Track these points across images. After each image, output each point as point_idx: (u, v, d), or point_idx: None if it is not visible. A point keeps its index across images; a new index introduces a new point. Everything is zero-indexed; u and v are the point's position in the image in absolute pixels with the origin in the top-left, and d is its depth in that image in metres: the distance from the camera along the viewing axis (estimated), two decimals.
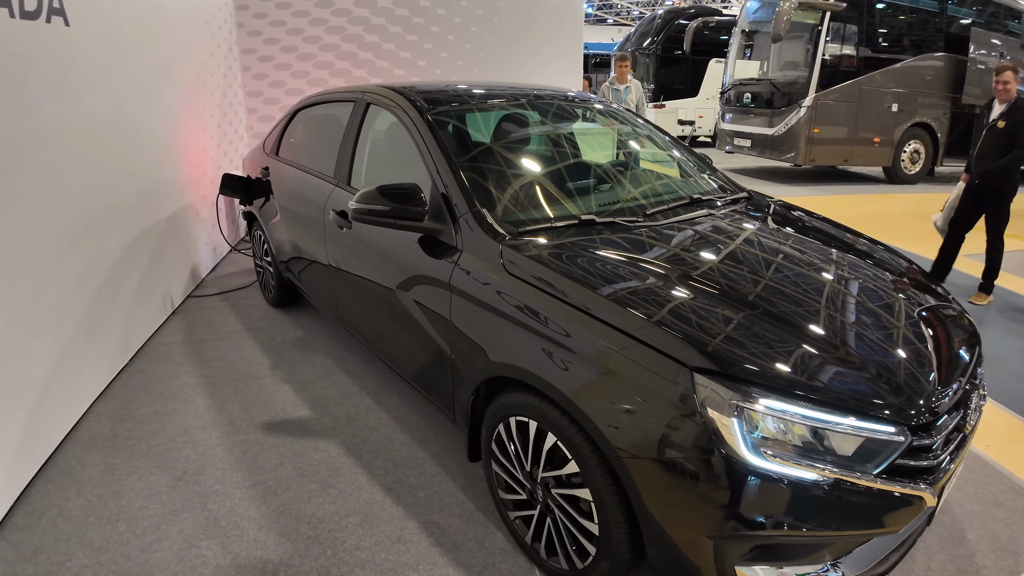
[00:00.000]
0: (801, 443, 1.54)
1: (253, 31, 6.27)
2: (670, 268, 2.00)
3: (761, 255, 2.22)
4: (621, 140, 3.17)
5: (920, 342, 1.89)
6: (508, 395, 2.03)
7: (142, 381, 3.41)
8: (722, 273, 2.02)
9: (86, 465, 2.70)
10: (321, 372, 3.47)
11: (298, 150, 3.79)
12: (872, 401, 1.60)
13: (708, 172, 3.11)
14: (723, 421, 1.52)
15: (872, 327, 1.89)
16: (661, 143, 3.24)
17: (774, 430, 1.54)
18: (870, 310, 1.99)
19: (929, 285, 2.35)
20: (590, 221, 2.28)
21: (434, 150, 2.45)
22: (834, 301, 1.99)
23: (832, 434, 1.55)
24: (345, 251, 2.95)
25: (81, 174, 3.10)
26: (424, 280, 2.34)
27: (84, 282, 3.10)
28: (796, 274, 2.11)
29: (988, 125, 4.89)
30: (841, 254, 2.40)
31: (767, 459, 1.51)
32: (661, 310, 1.76)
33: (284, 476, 2.60)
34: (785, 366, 1.63)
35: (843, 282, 2.14)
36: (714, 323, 1.73)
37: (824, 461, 1.54)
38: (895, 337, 1.87)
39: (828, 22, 9.12)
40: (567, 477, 1.88)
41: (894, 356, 1.78)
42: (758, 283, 1.99)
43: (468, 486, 2.54)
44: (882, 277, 2.26)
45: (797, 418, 1.54)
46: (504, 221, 2.22)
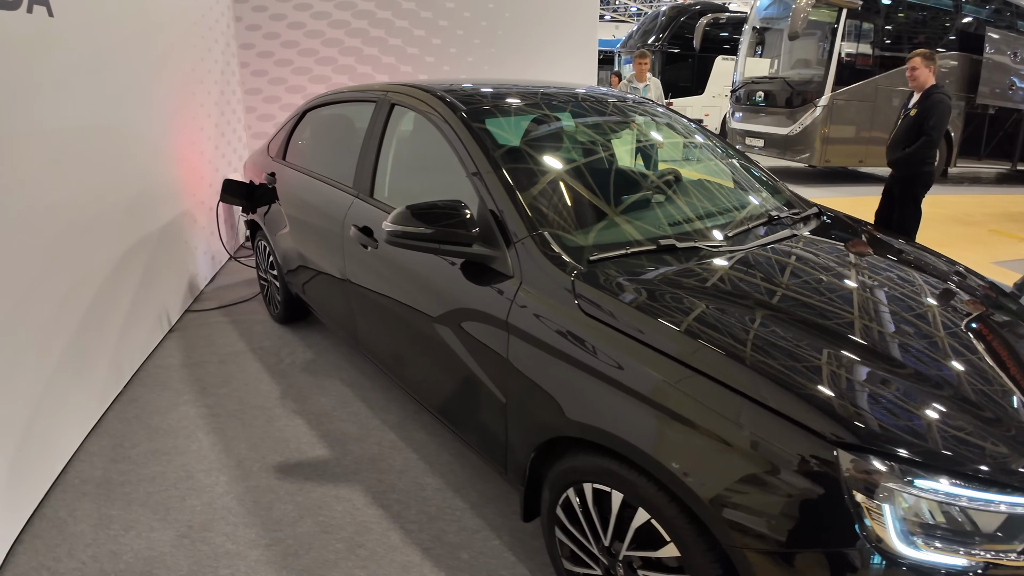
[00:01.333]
0: (950, 526, 1.27)
1: (252, 25, 5.90)
2: (782, 310, 1.69)
3: (868, 292, 1.92)
4: (680, 148, 2.85)
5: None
6: (583, 457, 1.70)
7: (137, 412, 3.06)
8: (842, 319, 1.71)
9: (78, 517, 2.36)
10: (337, 402, 3.14)
11: (309, 155, 3.44)
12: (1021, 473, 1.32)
13: (771, 183, 2.80)
14: (870, 506, 1.24)
15: (1007, 386, 1.58)
16: (721, 151, 2.92)
17: (921, 512, 1.27)
18: (997, 363, 1.69)
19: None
20: (669, 246, 1.96)
21: (480, 161, 2.11)
22: (969, 353, 1.68)
23: (981, 513, 1.28)
24: (369, 271, 2.61)
25: (66, 181, 2.74)
26: (472, 313, 2.01)
27: (71, 302, 2.74)
28: (915, 317, 1.81)
29: (904, 114, 4.89)
30: (952, 291, 2.11)
31: (918, 548, 1.24)
32: (788, 368, 1.44)
33: (304, 532, 2.27)
34: (935, 437, 1.34)
35: (970, 330, 1.83)
36: (853, 385, 1.43)
37: (973, 544, 1.27)
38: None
39: (845, 20, 8.84)
40: (660, 559, 1.56)
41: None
42: (878, 329, 1.69)
43: (516, 544, 2.22)
44: (997, 319, 1.97)
45: (951, 498, 1.26)
46: (569, 247, 1.89)
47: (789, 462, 1.31)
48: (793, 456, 1.30)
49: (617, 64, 15.34)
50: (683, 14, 14.14)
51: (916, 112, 4.67)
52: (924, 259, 2.38)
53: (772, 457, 1.32)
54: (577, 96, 2.79)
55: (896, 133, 4.84)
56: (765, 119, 10.06)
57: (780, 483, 1.31)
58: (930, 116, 4.55)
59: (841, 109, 9.14)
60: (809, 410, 1.34)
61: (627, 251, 1.91)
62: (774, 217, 2.39)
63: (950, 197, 9.24)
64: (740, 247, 2.06)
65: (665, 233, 2.08)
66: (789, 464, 1.30)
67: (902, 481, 1.26)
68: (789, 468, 1.30)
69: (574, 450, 1.76)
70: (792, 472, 1.30)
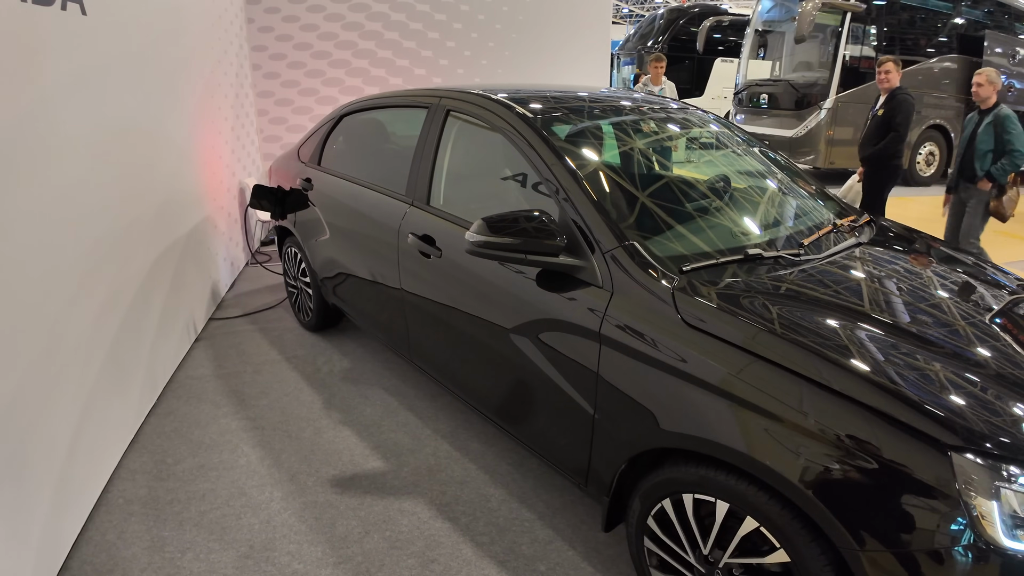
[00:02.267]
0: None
1: (264, 27, 5.83)
2: (876, 318, 1.70)
3: (940, 297, 1.96)
4: (744, 158, 2.83)
5: None
6: (683, 468, 1.68)
7: (176, 426, 2.99)
8: (927, 323, 1.74)
9: (127, 540, 2.27)
10: (383, 411, 3.08)
11: (350, 161, 3.38)
12: None
13: (820, 192, 2.79)
14: (982, 504, 1.30)
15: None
16: (774, 159, 2.91)
17: (1016, 507, 1.33)
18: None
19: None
20: (756, 255, 1.94)
21: (558, 171, 2.07)
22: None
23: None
24: (428, 281, 2.56)
25: (102, 185, 2.64)
26: (557, 325, 1.97)
27: (108, 313, 2.65)
28: (981, 321, 1.85)
29: (872, 115, 5.35)
30: (1003, 294, 2.14)
31: (1020, 540, 1.31)
32: (898, 376, 1.46)
33: (373, 549, 2.22)
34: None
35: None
36: (955, 391, 1.46)
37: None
38: None
39: (849, 23, 8.90)
40: (764, 565, 1.55)
41: None
42: (962, 336, 1.72)
43: (591, 555, 2.18)
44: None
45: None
46: (661, 257, 1.86)
47: (905, 466, 1.34)
48: (909, 461, 1.34)
49: (616, 67, 15.36)
50: (682, 17, 14.17)
51: (884, 112, 5.13)
52: (975, 264, 2.41)
53: (889, 462, 1.36)
54: (640, 104, 2.76)
55: (867, 132, 5.32)
56: (769, 121, 10.11)
57: (896, 487, 1.35)
58: (897, 114, 5.04)
59: (846, 111, 9.19)
60: (922, 417, 1.37)
61: (717, 261, 1.89)
62: (836, 225, 2.38)
63: None
64: (818, 255, 2.06)
65: (748, 242, 2.07)
66: (905, 468, 1.34)
67: (1005, 478, 1.32)
68: (905, 472, 1.34)
69: (671, 461, 1.73)
70: (908, 476, 1.34)
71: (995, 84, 4.63)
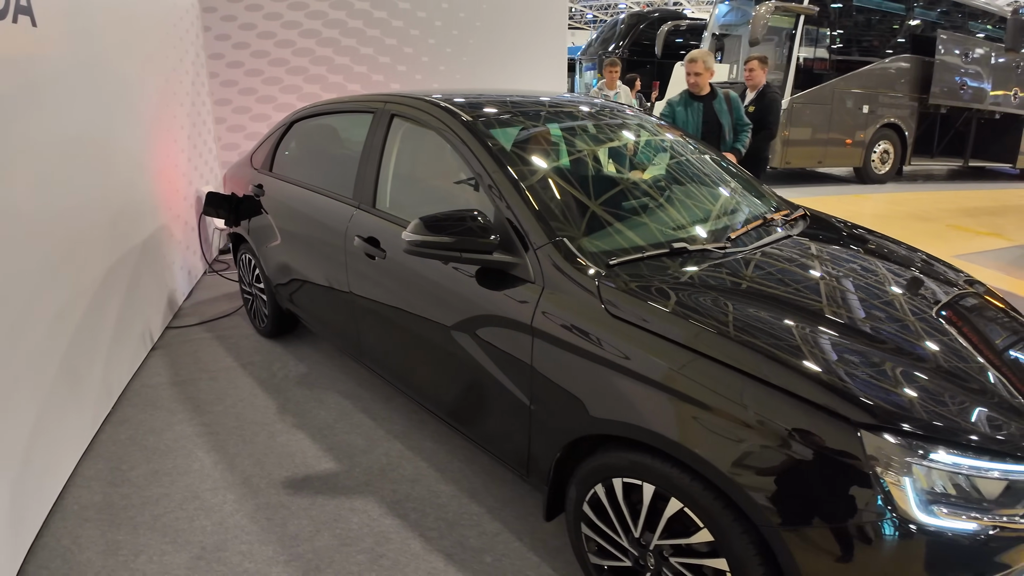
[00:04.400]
0: (957, 493, 1.41)
1: (221, 35, 5.81)
2: (794, 305, 1.79)
3: (866, 284, 2.05)
4: (678, 156, 2.92)
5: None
6: (612, 453, 1.75)
7: (131, 433, 2.99)
8: (845, 309, 1.84)
9: (82, 545, 2.28)
10: (337, 414, 3.11)
11: (300, 166, 3.41)
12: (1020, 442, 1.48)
13: (760, 190, 2.89)
14: (894, 481, 1.36)
15: (998, 363, 1.75)
16: (711, 157, 3.01)
17: (935, 483, 1.40)
18: (991, 345, 1.86)
19: (1009, 308, 2.22)
20: (681, 249, 2.02)
21: (493, 171, 2.14)
22: (956, 336, 1.84)
23: (984, 480, 1.42)
24: (374, 282, 2.61)
25: (56, 195, 2.66)
26: (492, 320, 2.03)
27: (61, 323, 2.66)
28: (909, 307, 1.94)
29: None
30: (934, 281, 2.26)
31: (938, 516, 1.37)
32: (810, 359, 1.54)
33: (323, 547, 2.25)
34: (945, 414, 1.47)
35: (958, 315, 1.99)
36: (868, 372, 1.54)
37: (984, 510, 1.41)
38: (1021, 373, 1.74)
39: (802, 25, 9.14)
40: (692, 545, 1.62)
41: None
42: (882, 319, 1.82)
43: (538, 546, 2.24)
44: (979, 308, 2.13)
45: (960, 469, 1.40)
46: (588, 252, 1.94)
47: (818, 445, 1.41)
48: (821, 439, 1.41)
49: (579, 72, 15.53)
50: (642, 21, 14.38)
51: (754, 109, 5.36)
52: (902, 252, 2.53)
53: (803, 442, 1.42)
54: (578, 105, 2.85)
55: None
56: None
57: (811, 465, 1.41)
58: (769, 113, 5.34)
59: (800, 112, 9.42)
60: (834, 397, 1.44)
61: (643, 255, 1.96)
62: (768, 219, 2.48)
63: (907, 194, 9.61)
64: (745, 248, 2.15)
65: (676, 236, 2.15)
66: (818, 447, 1.40)
67: (917, 455, 1.38)
68: (819, 451, 1.40)
69: (604, 447, 1.80)
70: (821, 454, 1.40)
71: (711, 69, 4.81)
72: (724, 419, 1.50)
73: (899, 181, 10.83)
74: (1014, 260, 6.25)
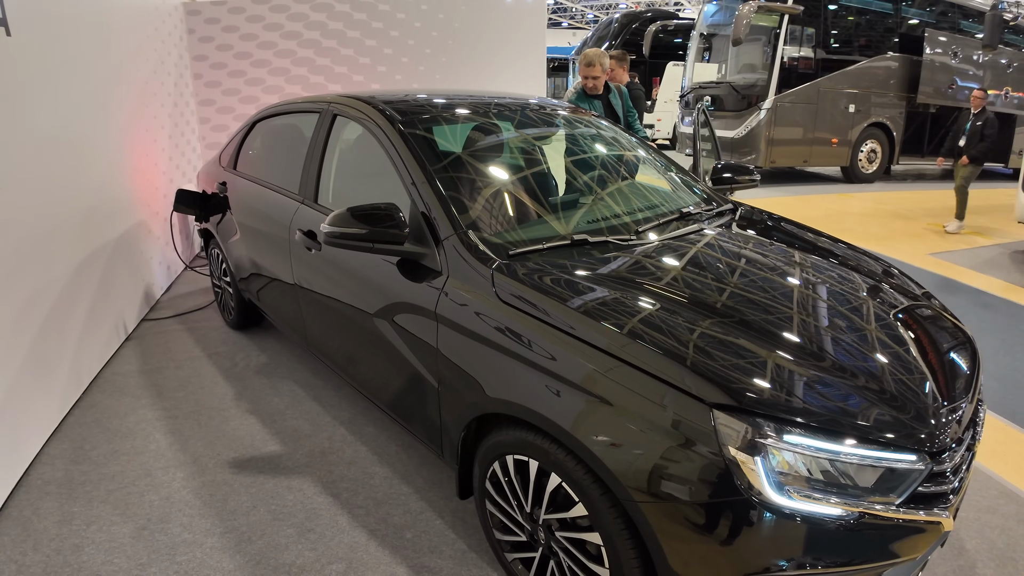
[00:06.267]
0: (824, 478, 1.47)
1: (205, 37, 5.99)
2: (675, 293, 1.89)
3: (763, 275, 2.13)
4: (603, 151, 3.05)
5: (934, 367, 1.83)
6: (504, 432, 1.88)
7: (96, 417, 3.15)
8: (729, 297, 1.92)
9: (41, 515, 2.46)
10: (289, 401, 3.27)
11: (258, 164, 3.57)
12: (894, 430, 1.53)
13: (691, 184, 3.01)
14: (745, 460, 1.43)
15: (887, 353, 1.81)
16: (643, 154, 3.13)
17: (797, 466, 1.46)
18: (885, 334, 1.91)
19: (928, 302, 2.29)
20: (582, 241, 2.15)
21: (412, 166, 2.29)
22: (848, 325, 1.91)
23: (855, 467, 1.48)
24: (314, 273, 2.76)
25: (24, 193, 2.83)
26: (406, 307, 2.17)
27: (30, 311, 2.84)
28: (801, 297, 2.02)
29: None
30: (844, 272, 2.32)
31: (791, 497, 1.43)
32: (674, 342, 1.64)
33: (258, 520, 2.40)
34: (806, 399, 1.54)
35: (853, 305, 2.06)
36: (729, 355, 1.62)
37: (847, 495, 1.47)
38: (911, 363, 1.80)
39: (786, 25, 9.21)
40: (573, 520, 1.75)
41: (911, 383, 1.71)
42: (766, 307, 1.89)
43: (457, 524, 2.38)
44: (887, 298, 2.19)
45: (820, 453, 1.46)
46: (491, 243, 2.07)
47: (674, 423, 1.50)
48: (676, 418, 1.50)
49: (572, 72, 15.64)
50: (635, 21, 14.48)
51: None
52: (822, 244, 2.62)
53: (658, 419, 1.51)
54: (507, 105, 2.97)
55: None
56: (713, 123, 10.40)
57: (667, 442, 1.50)
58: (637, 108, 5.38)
59: (785, 112, 9.50)
60: (690, 376, 1.53)
61: (543, 246, 2.09)
62: (687, 213, 2.59)
63: (892, 194, 9.65)
64: (648, 242, 2.25)
65: (581, 230, 2.27)
66: (674, 425, 1.50)
67: (771, 436, 1.44)
68: (674, 428, 1.50)
69: (499, 426, 1.93)
70: (677, 432, 1.49)
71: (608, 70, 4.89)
72: (589, 396, 1.61)
73: (888, 180, 10.87)
74: (988, 259, 6.31)
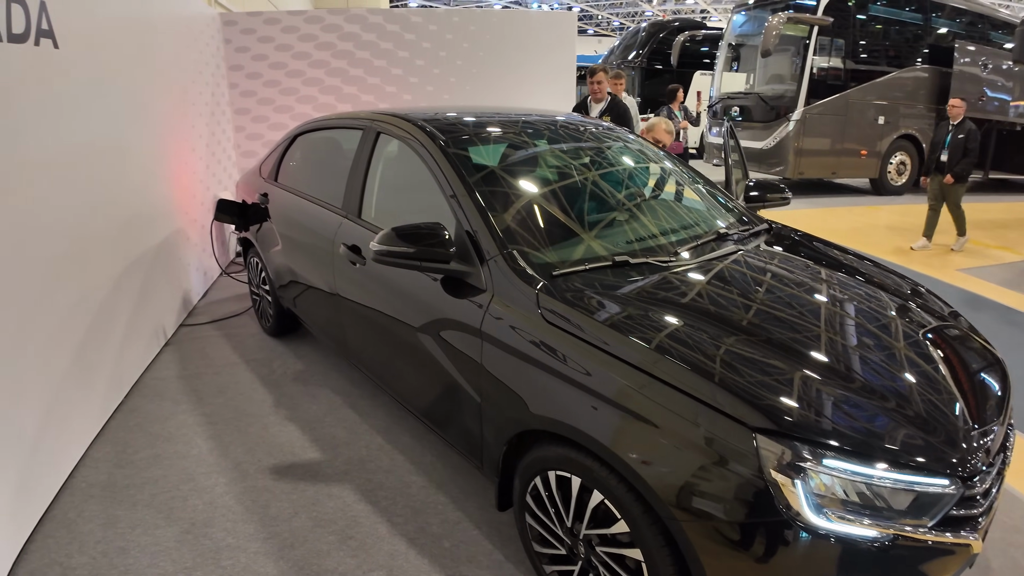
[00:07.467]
0: (860, 501, 1.51)
1: (241, 47, 6.12)
2: (717, 316, 1.92)
3: (798, 296, 2.17)
4: (641, 170, 3.09)
5: (965, 390, 1.86)
6: (547, 448, 1.93)
7: (138, 421, 3.25)
8: (768, 320, 1.95)
9: (86, 517, 2.54)
10: (327, 408, 3.34)
11: (300, 177, 3.65)
12: (926, 455, 1.57)
13: (726, 202, 3.04)
14: (785, 482, 1.47)
15: (918, 374, 1.85)
16: (678, 173, 3.16)
17: (835, 489, 1.50)
18: (921, 359, 1.94)
19: (956, 322, 2.31)
20: (624, 262, 2.19)
21: (456, 185, 2.34)
22: (886, 350, 1.94)
23: (890, 490, 1.52)
24: (357, 286, 2.82)
25: (67, 203, 2.91)
26: (449, 323, 2.23)
27: (74, 318, 2.92)
28: (839, 320, 2.06)
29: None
30: (882, 295, 2.34)
31: (829, 519, 1.47)
32: (716, 366, 1.68)
33: (299, 527, 2.47)
34: (842, 422, 1.59)
35: (891, 329, 2.08)
36: (768, 377, 1.66)
37: (881, 517, 1.51)
38: (941, 385, 1.83)
39: (816, 36, 9.18)
40: (614, 536, 1.79)
41: (942, 405, 1.74)
42: (802, 329, 1.93)
43: (493, 534, 2.43)
44: (924, 322, 2.21)
45: (858, 476, 1.50)
46: (534, 263, 2.12)
47: (718, 445, 1.54)
48: (720, 440, 1.54)
49: None
50: (663, 30, 14.50)
51: (610, 119, 5.50)
52: (851, 263, 2.63)
53: (703, 441, 1.55)
54: (548, 123, 3.03)
55: None
56: (741, 134, 10.37)
57: (711, 464, 1.54)
58: (623, 120, 5.50)
59: (814, 123, 9.46)
60: (736, 402, 1.57)
61: (586, 267, 2.13)
62: (724, 234, 2.62)
63: (921, 207, 9.48)
64: (687, 262, 2.29)
65: (622, 250, 2.31)
66: (717, 447, 1.54)
67: (811, 460, 1.49)
68: (718, 451, 1.53)
69: (541, 442, 1.97)
70: (720, 454, 1.53)
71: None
72: (632, 416, 1.66)
73: (917, 193, 10.74)
74: (1018, 275, 6.22)
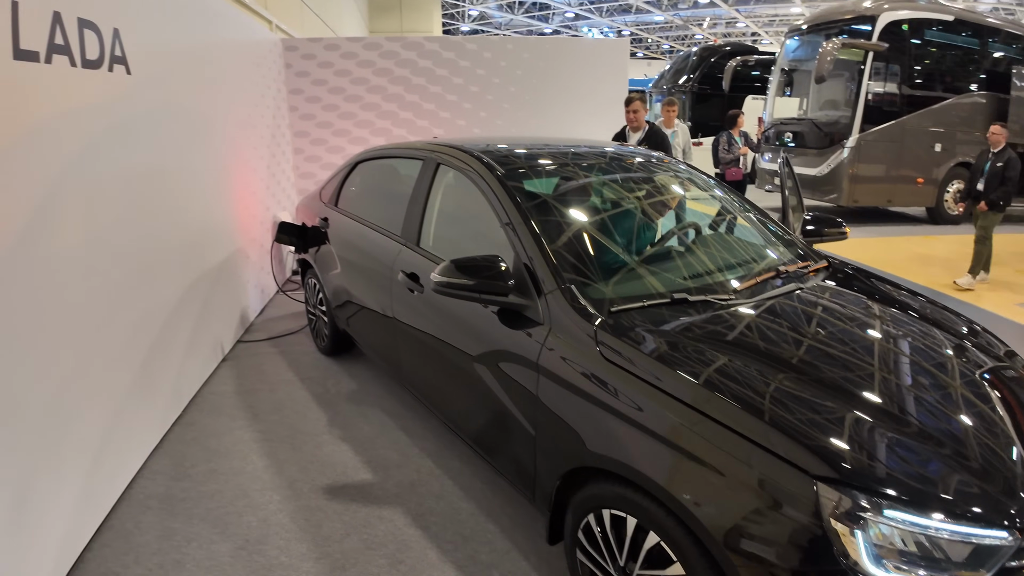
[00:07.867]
0: (919, 551, 1.48)
1: (301, 72, 6.34)
2: (778, 359, 1.91)
3: (857, 337, 2.14)
4: (699, 203, 3.09)
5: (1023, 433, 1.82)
6: (602, 485, 1.93)
7: (195, 435, 3.36)
8: (830, 363, 1.93)
9: (143, 529, 2.63)
10: (379, 430, 3.40)
11: (360, 203, 3.76)
12: (987, 505, 1.54)
13: (783, 236, 3.01)
14: (844, 531, 1.46)
15: (980, 419, 1.81)
16: (737, 208, 3.15)
17: (894, 539, 1.47)
18: (978, 400, 1.90)
19: (1012, 361, 2.26)
20: (682, 299, 2.20)
21: (515, 219, 2.38)
22: (941, 390, 1.91)
23: (949, 542, 1.49)
24: (414, 312, 2.88)
25: (137, 224, 3.03)
26: (506, 354, 2.26)
27: (138, 335, 3.04)
28: (897, 363, 2.03)
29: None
30: (945, 339, 2.29)
31: (888, 570, 1.45)
32: (779, 411, 1.67)
33: (351, 548, 2.51)
34: (902, 470, 1.57)
35: (947, 369, 2.05)
36: (833, 425, 1.65)
37: (939, 569, 1.47)
38: (1002, 431, 1.79)
39: (871, 62, 9.02)
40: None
41: (1002, 452, 1.71)
42: (861, 372, 1.91)
43: (542, 565, 2.43)
44: (980, 362, 2.16)
45: (917, 528, 1.47)
46: (592, 298, 2.14)
47: (779, 492, 1.52)
48: (782, 488, 1.52)
49: (649, 103, 15.70)
50: (714, 54, 14.45)
51: (648, 147, 5.45)
52: (918, 306, 2.58)
53: (764, 488, 1.54)
54: (603, 154, 3.06)
55: None
56: (794, 160, 10.21)
57: (771, 511, 1.52)
58: (662, 147, 5.49)
59: (869, 149, 9.26)
60: (798, 449, 1.55)
61: (644, 303, 2.14)
62: (783, 271, 2.60)
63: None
64: (747, 301, 2.28)
65: (680, 286, 2.32)
66: (778, 494, 1.52)
67: (871, 511, 1.47)
68: (778, 498, 1.52)
69: (595, 479, 1.97)
70: (780, 501, 1.52)
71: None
72: (693, 461, 1.65)
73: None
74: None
